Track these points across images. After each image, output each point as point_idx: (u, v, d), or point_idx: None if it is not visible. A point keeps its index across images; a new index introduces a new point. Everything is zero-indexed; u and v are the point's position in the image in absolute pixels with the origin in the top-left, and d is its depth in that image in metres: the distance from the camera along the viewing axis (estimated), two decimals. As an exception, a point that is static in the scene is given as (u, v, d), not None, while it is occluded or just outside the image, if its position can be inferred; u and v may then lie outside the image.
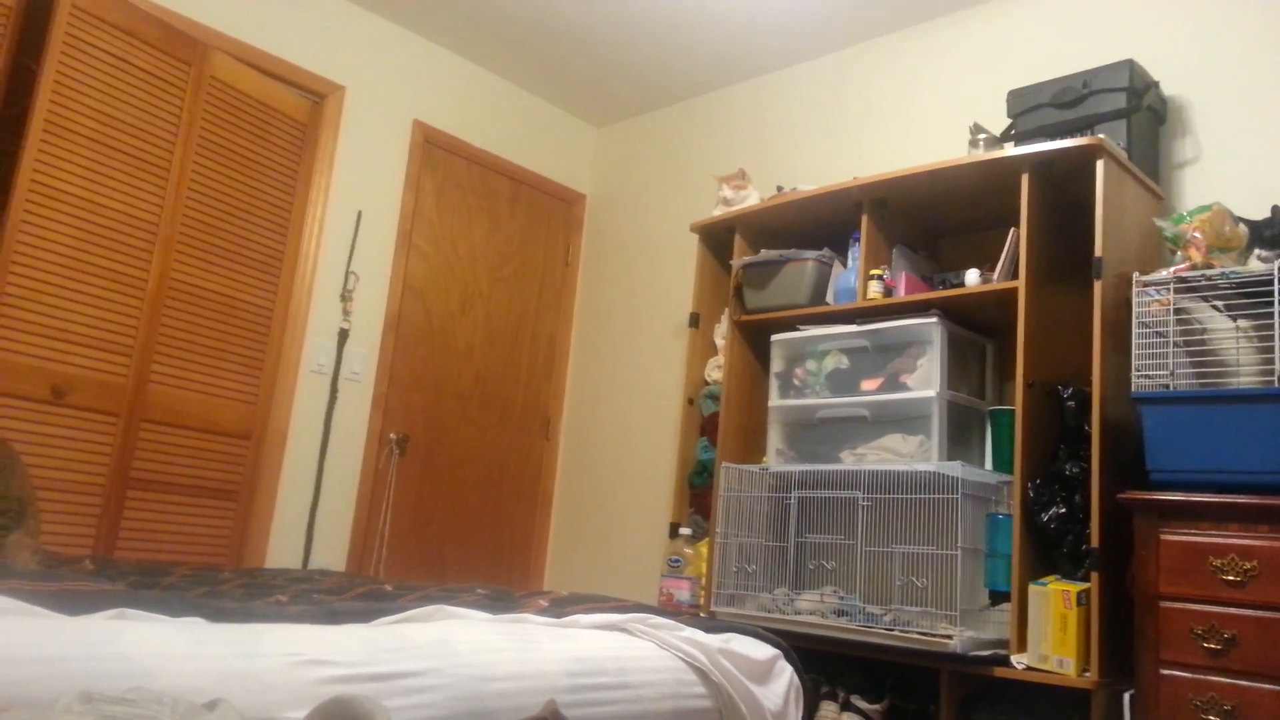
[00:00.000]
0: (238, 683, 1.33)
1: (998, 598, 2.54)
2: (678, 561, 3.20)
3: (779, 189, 3.41)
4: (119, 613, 1.48)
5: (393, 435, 3.87)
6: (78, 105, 2.98)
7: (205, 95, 3.34)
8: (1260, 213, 2.44)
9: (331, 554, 3.64)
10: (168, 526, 3.19)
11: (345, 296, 3.74)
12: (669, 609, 2.83)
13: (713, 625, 2.11)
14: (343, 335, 3.72)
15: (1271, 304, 2.19)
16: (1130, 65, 2.75)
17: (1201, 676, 2.04)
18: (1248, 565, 2.03)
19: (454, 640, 1.61)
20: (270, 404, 3.51)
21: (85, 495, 2.97)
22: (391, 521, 3.85)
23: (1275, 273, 2.19)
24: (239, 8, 3.54)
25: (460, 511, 4.11)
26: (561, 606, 2.09)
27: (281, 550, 3.50)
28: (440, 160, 4.16)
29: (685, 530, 3.27)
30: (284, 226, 3.59)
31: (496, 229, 4.36)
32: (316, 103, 3.75)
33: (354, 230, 3.79)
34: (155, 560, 2.93)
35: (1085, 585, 2.31)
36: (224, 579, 2.34)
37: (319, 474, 3.62)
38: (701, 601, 3.11)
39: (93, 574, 2.18)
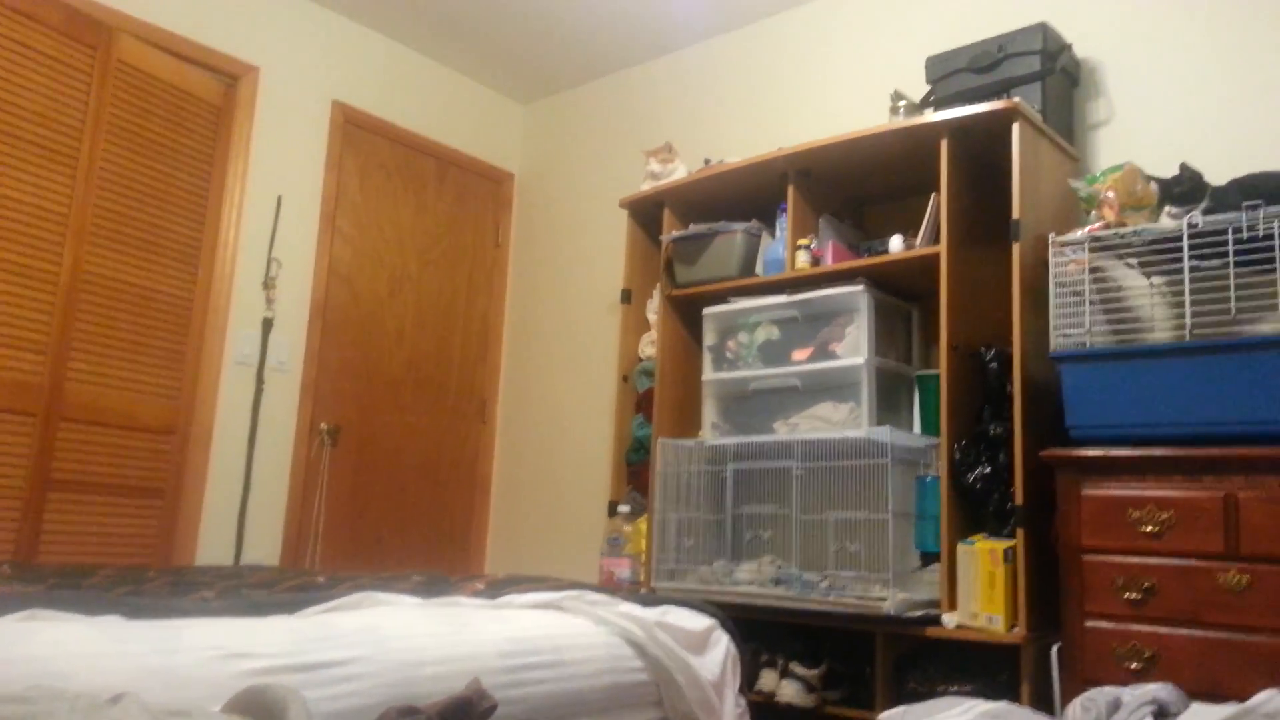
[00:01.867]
0: (156, 678, 1.30)
1: (929, 559, 2.59)
2: (617, 540, 3.20)
3: (706, 162, 3.40)
4: (30, 614, 1.43)
5: (323, 425, 3.80)
6: (-24, 93, 2.86)
7: (113, 80, 3.23)
8: (1171, 171, 2.49)
9: (264, 549, 3.57)
10: (91, 528, 3.10)
11: (268, 284, 3.66)
12: (609, 587, 2.83)
13: (649, 599, 2.12)
14: (267, 324, 3.64)
15: (1181, 260, 2.24)
16: (1044, 28, 2.78)
17: (1124, 626, 2.10)
18: (1165, 516, 2.09)
19: (382, 627, 1.59)
20: (194, 398, 3.42)
21: (3, 499, 2.88)
22: (326, 513, 3.79)
23: (1184, 229, 2.25)
24: (144, -12, 3.42)
25: (397, 500, 4.06)
26: (497, 589, 2.08)
27: (212, 548, 3.42)
28: (362, 141, 4.07)
29: (624, 508, 3.27)
30: (201, 214, 3.49)
31: (424, 210, 4.29)
32: (230, 85, 3.64)
33: (274, 215, 3.70)
34: (79, 563, 2.85)
35: (1011, 542, 2.36)
36: (149, 578, 2.29)
37: (248, 468, 3.54)
38: (642, 579, 3.11)
39: (8, 579, 2.11)
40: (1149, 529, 2.10)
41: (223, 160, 3.57)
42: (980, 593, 2.34)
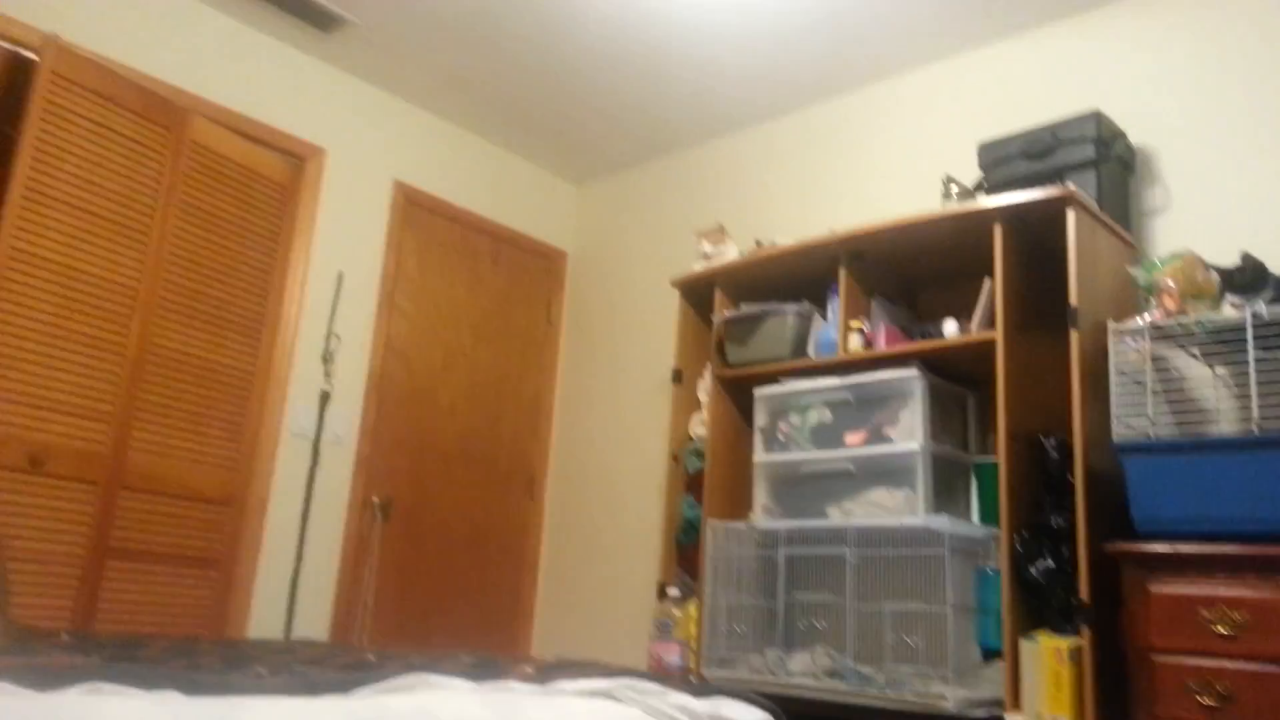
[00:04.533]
0: (214, 761, 1.30)
1: (990, 654, 2.52)
2: (666, 624, 3.16)
3: (757, 243, 3.43)
4: (93, 687, 1.44)
5: (375, 499, 3.83)
6: (58, 171, 2.98)
7: (186, 159, 3.35)
8: (1230, 259, 2.47)
9: (314, 622, 3.58)
10: (147, 597, 3.13)
11: (327, 358, 3.73)
12: (658, 674, 2.79)
13: (701, 689, 2.08)
14: (324, 397, 3.70)
15: (1246, 350, 2.20)
16: (1097, 116, 2.79)
17: (1197, 730, 2.02)
18: (1237, 616, 2.02)
19: (436, 711, 1.57)
20: (251, 469, 3.47)
21: (62, 566, 2.92)
22: (375, 587, 3.79)
23: (1248, 319, 2.21)
24: (219, 72, 3.57)
25: (445, 575, 4.05)
26: (547, 673, 2.05)
27: (263, 619, 3.43)
28: (421, 220, 4.18)
29: (673, 591, 3.23)
30: (265, 289, 3.59)
31: (478, 287, 4.37)
32: (297, 165, 3.77)
33: (335, 291, 3.79)
34: (134, 632, 2.87)
35: (1077, 640, 2.29)
36: (203, 651, 2.29)
37: (301, 540, 3.57)
38: (692, 665, 3.06)
39: (68, 647, 2.13)
40: (1222, 630, 2.03)
41: (288, 237, 3.68)
42: (1046, 692, 2.26)
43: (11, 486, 2.82)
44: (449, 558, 4.07)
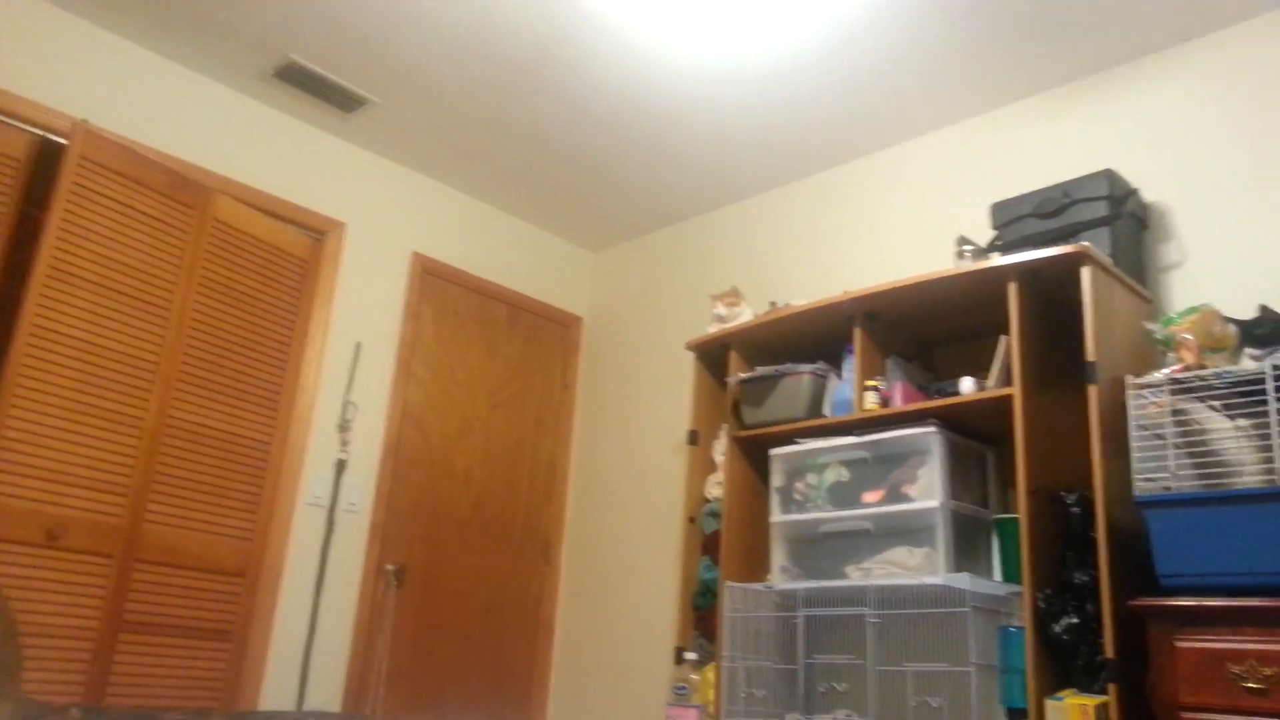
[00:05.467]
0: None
1: (1015, 714, 2.45)
2: (683, 689, 3.10)
3: (772, 305, 3.45)
4: (98, 760, 1.43)
5: (390, 566, 3.81)
6: (82, 250, 3.05)
7: (208, 236, 3.42)
8: (1247, 312, 2.45)
9: (327, 692, 3.53)
10: (160, 670, 3.11)
11: (343, 426, 3.75)
12: (677, 739, 2.73)
13: (719, 754, 2.03)
14: (340, 466, 3.71)
15: (1266, 402, 2.17)
16: (1109, 174, 2.81)
17: (1234, 793, 1.95)
18: (1268, 672, 1.96)
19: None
20: (266, 540, 3.47)
21: (76, 640, 2.91)
22: (389, 656, 3.75)
23: (1268, 371, 2.19)
24: (243, 152, 3.67)
25: (460, 643, 4.01)
26: (561, 739, 2.01)
27: (276, 690, 3.39)
28: (438, 289, 4.23)
29: (690, 655, 3.17)
30: (283, 361, 3.62)
31: (494, 354, 4.40)
32: (317, 239, 3.84)
33: (353, 361, 3.83)
34: (146, 705, 2.85)
35: (1104, 698, 2.23)
36: (214, 722, 2.27)
37: (314, 609, 3.55)
38: (711, 730, 2.99)
39: (78, 721, 2.12)
40: (1252, 685, 1.97)
41: (306, 309, 3.73)
42: (1073, 754, 2.19)
43: (28, 561, 2.82)
44: (464, 625, 4.03)
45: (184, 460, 3.26)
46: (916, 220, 3.60)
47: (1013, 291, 2.71)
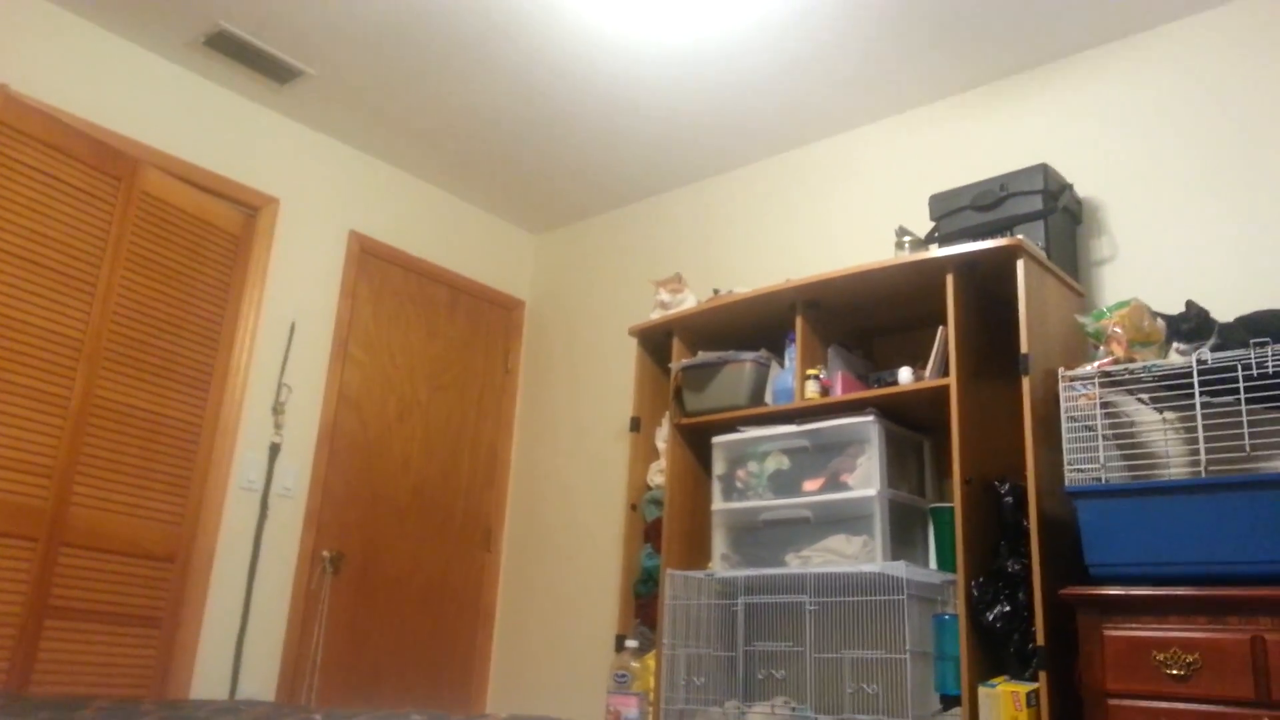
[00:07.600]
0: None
1: (949, 701, 2.50)
2: (624, 676, 3.10)
3: (715, 292, 3.45)
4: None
5: (325, 553, 3.74)
6: (3, 221, 2.93)
7: (136, 210, 3.31)
8: (1175, 307, 2.52)
9: (260, 681, 3.47)
10: (87, 657, 3.02)
11: (277, 409, 3.66)
12: (616, 725, 2.73)
13: (660, 743, 2.04)
14: (274, 449, 3.63)
15: (1193, 396, 2.24)
16: (1044, 169, 2.86)
17: (1155, 775, 2.02)
18: (1190, 658, 2.03)
19: (386, 773, 1.52)
20: (197, 524, 3.38)
21: (-2, 626, 2.82)
22: (325, 644, 3.69)
23: (1194, 365, 2.26)
24: (171, 123, 3.54)
25: (398, 631, 3.96)
26: (502, 729, 2.00)
27: (207, 679, 3.32)
28: (377, 269, 4.15)
29: (631, 643, 3.18)
30: (214, 340, 3.53)
31: (434, 336, 4.34)
32: (250, 215, 3.73)
33: (287, 342, 3.74)
34: (72, 694, 2.77)
35: (1034, 685, 2.29)
36: (144, 712, 2.21)
37: (247, 597, 3.47)
38: (651, 718, 3.01)
39: (1, 710, 2.04)
40: (1175, 672, 2.04)
41: (239, 288, 3.63)
42: (1004, 739, 2.25)
43: (-55, 544, 2.72)
44: (402, 612, 3.99)
45: (111, 441, 3.16)
46: (860, 209, 3.64)
47: (950, 283, 2.75)
